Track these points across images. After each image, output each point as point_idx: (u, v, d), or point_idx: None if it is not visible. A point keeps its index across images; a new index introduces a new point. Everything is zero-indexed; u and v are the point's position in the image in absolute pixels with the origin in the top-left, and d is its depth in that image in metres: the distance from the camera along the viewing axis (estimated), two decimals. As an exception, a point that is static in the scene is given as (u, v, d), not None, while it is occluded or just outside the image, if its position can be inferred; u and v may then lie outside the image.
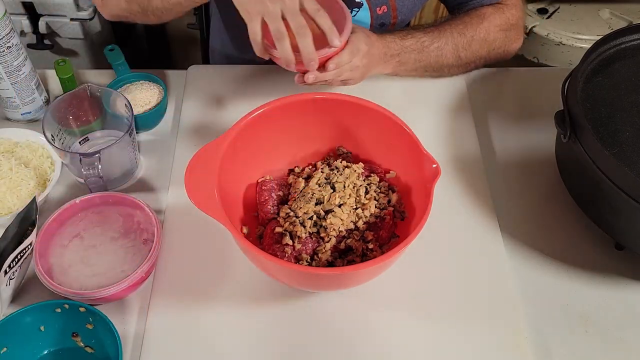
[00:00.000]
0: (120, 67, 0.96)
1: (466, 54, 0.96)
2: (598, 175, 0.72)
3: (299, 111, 0.79)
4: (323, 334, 0.74)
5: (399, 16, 1.01)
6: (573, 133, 0.76)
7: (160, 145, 0.93)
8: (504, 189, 0.89)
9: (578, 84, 0.78)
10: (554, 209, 0.87)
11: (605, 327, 0.76)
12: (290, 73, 0.81)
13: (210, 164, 0.71)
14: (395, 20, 1.02)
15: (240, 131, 0.75)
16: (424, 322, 0.75)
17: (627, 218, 0.73)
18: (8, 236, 0.72)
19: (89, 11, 1.31)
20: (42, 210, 0.83)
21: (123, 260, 0.75)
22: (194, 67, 1.04)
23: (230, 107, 0.97)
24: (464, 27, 0.95)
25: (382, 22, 1.02)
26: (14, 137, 0.89)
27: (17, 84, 0.88)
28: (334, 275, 0.68)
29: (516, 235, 0.84)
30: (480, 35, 0.96)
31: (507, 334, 0.74)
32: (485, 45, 0.97)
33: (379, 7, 0.98)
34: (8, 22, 0.83)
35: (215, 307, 0.75)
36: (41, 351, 0.71)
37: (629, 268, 0.81)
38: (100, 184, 0.79)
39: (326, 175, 0.80)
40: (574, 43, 1.47)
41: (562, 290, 0.79)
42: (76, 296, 0.70)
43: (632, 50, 0.84)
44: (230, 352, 0.72)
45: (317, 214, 0.76)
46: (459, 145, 0.93)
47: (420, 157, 0.73)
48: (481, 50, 0.97)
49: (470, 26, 0.95)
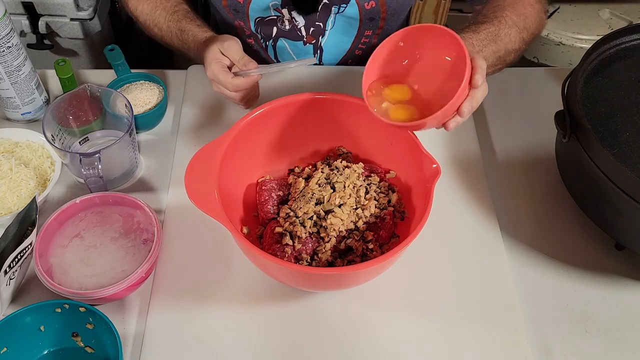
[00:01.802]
0: (120, 67, 0.96)
1: (527, 34, 0.92)
2: (598, 175, 0.72)
3: (299, 111, 0.79)
4: (323, 334, 0.74)
5: (388, 10, 1.01)
6: (573, 133, 0.76)
7: (160, 145, 0.93)
8: (504, 189, 0.89)
9: (578, 84, 0.78)
10: (554, 209, 0.87)
11: (605, 327, 0.76)
12: (290, 73, 0.81)
13: (210, 164, 0.71)
14: (385, 15, 1.01)
15: (240, 131, 0.75)
16: (424, 322, 0.75)
17: (627, 218, 0.73)
18: (8, 236, 0.72)
19: (89, 11, 1.31)
20: (42, 210, 0.83)
21: (123, 260, 0.75)
22: (194, 67, 1.04)
23: (230, 107, 0.97)
24: (511, 8, 0.92)
25: (372, 17, 1.01)
26: (14, 137, 0.89)
27: (17, 84, 0.88)
28: (334, 275, 0.68)
29: (516, 235, 0.84)
30: (528, 11, 0.92)
31: (507, 334, 0.74)
32: (534, 21, 0.94)
33: (366, 2, 0.98)
34: (8, 22, 0.83)
35: (215, 307, 0.75)
36: (41, 351, 0.71)
37: (629, 268, 0.81)
38: (100, 184, 0.79)
39: (326, 175, 0.80)
40: (574, 43, 1.47)
41: (562, 290, 0.79)
42: (76, 296, 0.70)
43: (632, 50, 0.84)
44: (230, 352, 0.72)
45: (317, 214, 0.76)
46: (459, 145, 0.93)
47: (420, 157, 0.73)
48: (532, 26, 0.93)
49: (516, 5, 0.92)
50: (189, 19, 0.95)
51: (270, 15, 1.01)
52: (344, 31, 1.04)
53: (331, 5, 0.98)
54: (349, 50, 1.07)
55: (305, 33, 1.03)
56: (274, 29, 1.03)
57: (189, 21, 0.94)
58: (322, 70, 1.06)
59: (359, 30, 1.03)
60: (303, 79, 1.02)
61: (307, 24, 1.01)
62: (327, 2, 0.97)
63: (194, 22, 0.94)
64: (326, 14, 0.99)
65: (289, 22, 1.01)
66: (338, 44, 1.06)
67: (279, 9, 0.99)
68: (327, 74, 1.05)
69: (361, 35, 1.05)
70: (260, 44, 1.07)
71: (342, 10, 0.99)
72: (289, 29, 1.02)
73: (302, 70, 1.04)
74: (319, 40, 1.04)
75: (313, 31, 1.02)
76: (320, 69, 1.06)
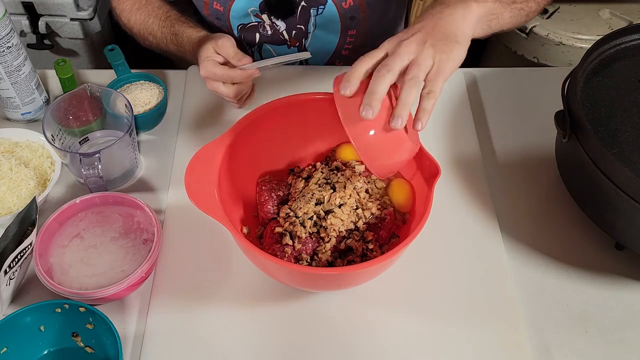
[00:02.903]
0: (120, 67, 0.96)
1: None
2: (598, 175, 0.72)
3: (299, 111, 0.79)
4: (323, 334, 0.74)
5: (368, 7, 1.00)
6: (573, 133, 0.76)
7: (160, 145, 0.93)
8: (504, 189, 0.89)
9: (578, 84, 0.78)
10: (554, 209, 0.87)
11: (605, 327, 0.76)
12: (290, 72, 0.81)
13: (210, 164, 0.71)
14: (365, 14, 1.01)
15: (240, 131, 0.75)
16: (424, 322, 0.75)
17: (627, 218, 0.73)
18: (8, 236, 0.72)
19: (89, 11, 1.31)
20: (42, 210, 0.83)
21: (123, 260, 0.75)
22: (194, 67, 1.04)
23: (230, 107, 0.97)
24: None
25: (352, 15, 1.01)
26: (14, 137, 0.89)
27: (17, 84, 0.88)
28: (334, 275, 0.68)
29: (516, 235, 0.84)
30: None
31: (507, 334, 0.74)
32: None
33: (344, 1, 0.98)
34: (8, 22, 0.83)
35: (215, 307, 0.75)
36: (41, 351, 0.71)
37: (629, 268, 0.81)
38: (100, 184, 0.79)
39: (326, 176, 0.80)
40: (574, 43, 1.46)
41: (562, 290, 0.79)
42: (76, 296, 0.70)
43: (632, 50, 0.84)
44: (230, 352, 0.72)
45: (317, 214, 0.76)
46: (459, 145, 0.93)
47: (420, 157, 0.73)
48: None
49: None
50: (182, 22, 0.95)
51: (251, 22, 1.01)
52: (327, 32, 1.04)
53: (309, 7, 0.98)
54: (335, 51, 1.08)
55: (288, 36, 1.03)
56: (256, 35, 1.04)
57: (182, 24, 0.94)
58: (325, 70, 1.06)
59: (342, 30, 1.03)
60: (305, 79, 1.03)
61: (289, 28, 1.02)
62: (305, 5, 0.97)
63: (186, 24, 0.94)
64: (306, 16, 1.00)
65: (270, 27, 1.01)
66: (323, 45, 1.06)
67: (259, 15, 0.99)
68: (329, 74, 1.04)
69: (345, 35, 1.05)
70: (246, 50, 1.07)
71: (320, 12, 0.99)
72: (271, 34, 1.03)
73: (301, 71, 1.04)
74: (302, 43, 1.04)
75: (295, 34, 1.03)
76: (324, 69, 1.06)
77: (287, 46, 1.05)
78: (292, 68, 1.04)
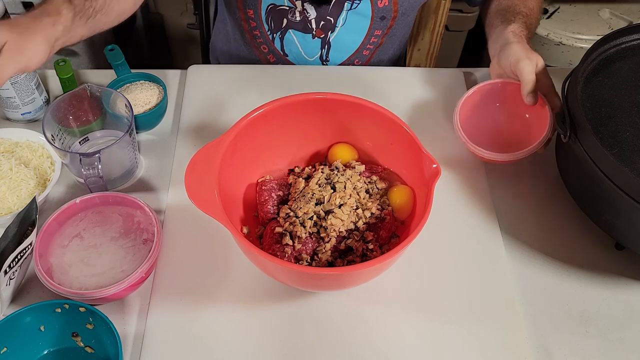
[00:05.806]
0: (120, 67, 0.96)
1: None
2: (598, 175, 0.72)
3: (299, 111, 0.79)
4: (323, 334, 0.74)
5: (399, 10, 1.01)
6: (573, 133, 0.76)
7: (160, 145, 0.93)
8: (504, 189, 0.89)
9: (578, 84, 0.78)
10: (554, 209, 0.87)
11: (605, 327, 0.76)
12: (290, 72, 0.81)
13: (210, 164, 0.71)
14: (396, 14, 1.02)
15: (240, 131, 0.75)
16: (424, 322, 0.75)
17: (627, 218, 0.73)
18: (8, 236, 0.72)
19: (89, 11, 1.31)
20: (42, 210, 0.83)
21: (123, 260, 0.75)
22: (194, 67, 1.04)
23: (230, 107, 0.97)
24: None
25: (383, 15, 1.02)
26: (14, 137, 0.89)
27: (17, 84, 0.88)
28: (334, 275, 0.68)
29: (516, 235, 0.84)
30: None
31: (507, 334, 0.74)
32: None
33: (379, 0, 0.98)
34: (8, 22, 0.82)
35: (215, 307, 0.75)
36: (41, 351, 0.71)
37: (629, 268, 0.81)
38: (100, 184, 0.79)
39: (326, 176, 0.80)
40: (574, 43, 1.47)
41: (562, 290, 0.79)
42: (76, 296, 0.70)
43: (632, 50, 0.84)
44: (230, 351, 0.72)
45: (317, 214, 0.76)
46: (459, 145, 0.93)
47: (420, 157, 0.73)
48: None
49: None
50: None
51: (283, 5, 1.01)
52: (354, 29, 1.04)
53: (344, 0, 0.98)
54: (357, 50, 1.07)
55: (315, 26, 1.03)
56: (284, 20, 1.03)
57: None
58: (325, 70, 1.06)
59: (370, 29, 1.04)
60: (305, 79, 1.03)
61: (318, 17, 1.01)
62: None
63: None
64: (338, 9, 0.99)
65: (300, 13, 1.01)
66: (347, 41, 1.06)
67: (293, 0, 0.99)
68: (329, 74, 1.05)
69: (371, 34, 1.05)
70: (267, 36, 1.07)
71: (355, 6, 0.99)
72: (300, 21, 1.02)
73: (304, 70, 1.04)
74: (327, 36, 1.04)
75: (323, 25, 1.02)
76: (324, 69, 1.06)
77: (311, 36, 1.04)
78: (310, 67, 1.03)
